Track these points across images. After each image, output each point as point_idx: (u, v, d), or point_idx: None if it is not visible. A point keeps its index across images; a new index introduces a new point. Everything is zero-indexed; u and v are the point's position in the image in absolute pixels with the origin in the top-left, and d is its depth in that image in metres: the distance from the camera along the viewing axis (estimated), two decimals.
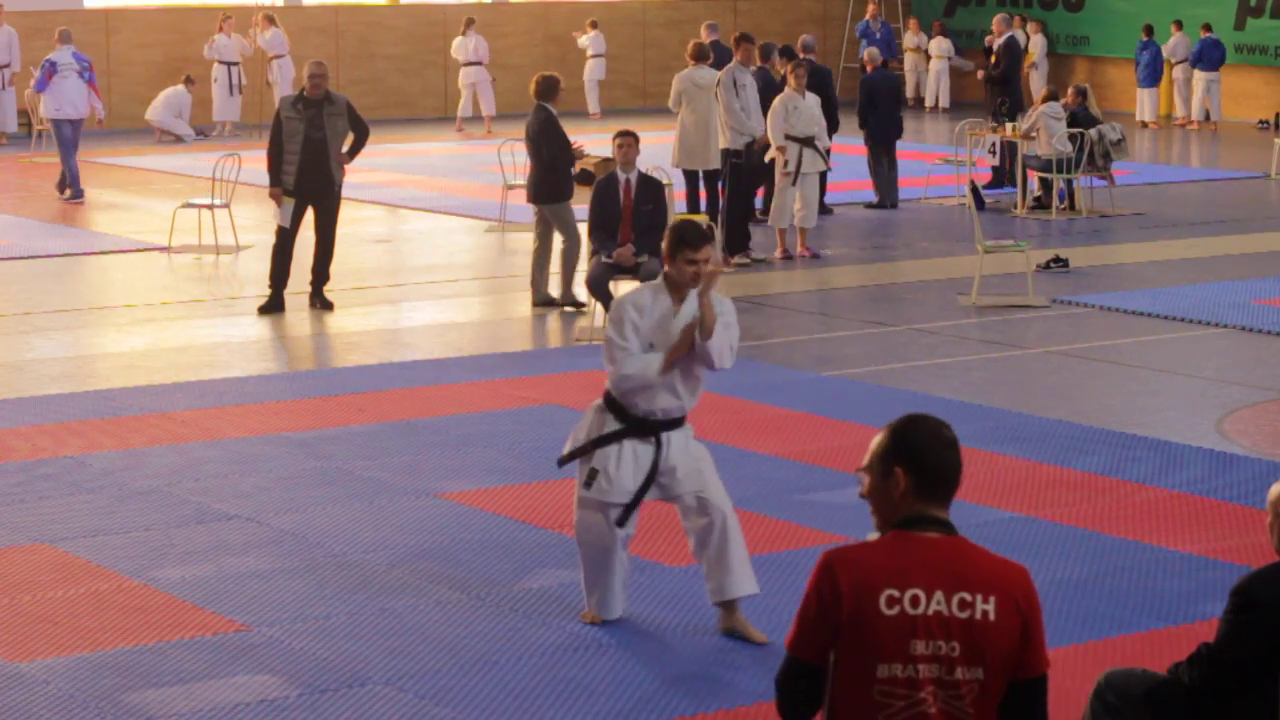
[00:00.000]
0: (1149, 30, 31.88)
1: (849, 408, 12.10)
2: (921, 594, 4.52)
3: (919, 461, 4.60)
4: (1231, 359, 13.89)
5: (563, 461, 8.12)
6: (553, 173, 15.75)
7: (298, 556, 9.14)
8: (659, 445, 7.93)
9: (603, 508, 7.96)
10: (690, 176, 19.00)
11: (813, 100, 18.20)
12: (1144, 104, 32.25)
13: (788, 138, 18.03)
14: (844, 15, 36.33)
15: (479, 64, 30.98)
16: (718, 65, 23.55)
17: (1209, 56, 31.34)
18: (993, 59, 24.08)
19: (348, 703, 7.33)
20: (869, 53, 22.83)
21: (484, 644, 7.97)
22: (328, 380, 13.14)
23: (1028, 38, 33.61)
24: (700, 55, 18.76)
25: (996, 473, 10.59)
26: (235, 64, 30.08)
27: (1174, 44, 31.90)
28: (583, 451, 7.98)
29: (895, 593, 4.53)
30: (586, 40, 33.26)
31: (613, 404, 7.97)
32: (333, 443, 11.27)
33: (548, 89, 15.98)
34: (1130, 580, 8.77)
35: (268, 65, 30.11)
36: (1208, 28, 31.41)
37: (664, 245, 7.95)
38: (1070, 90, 22.37)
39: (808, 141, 18.04)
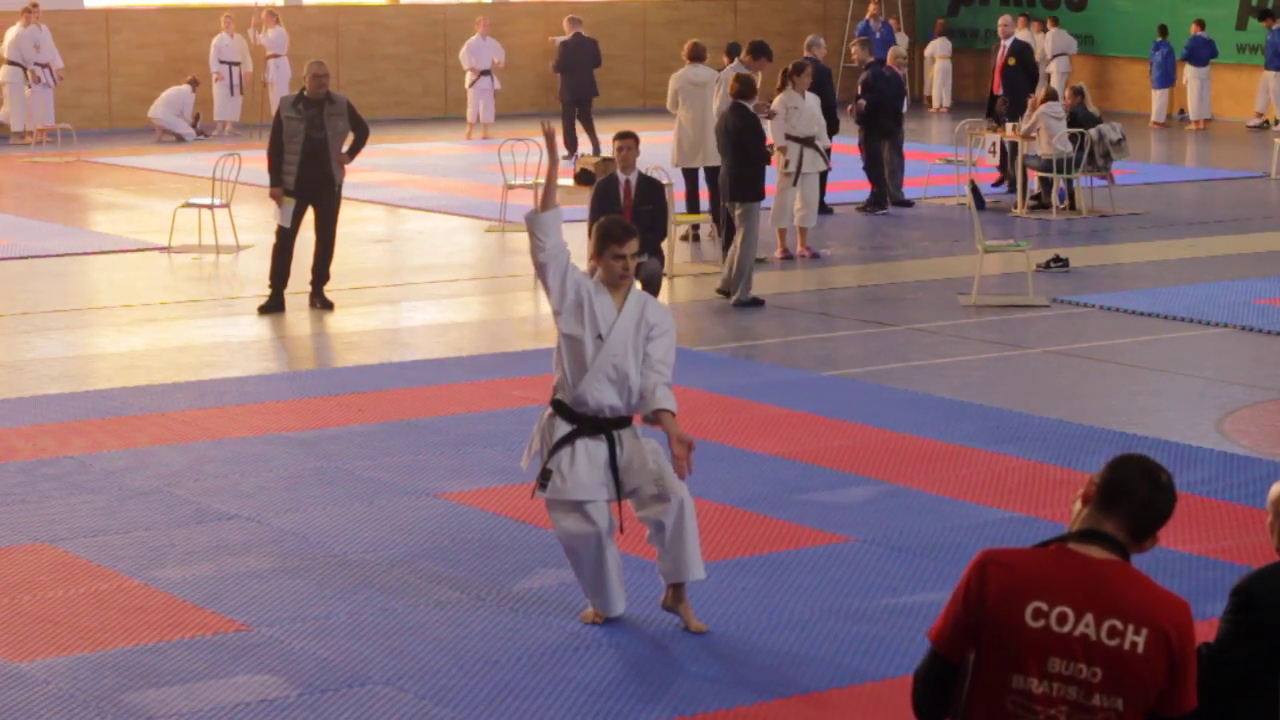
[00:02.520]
0: (1163, 30, 31.79)
1: (849, 408, 12.10)
2: (1070, 613, 4.43)
3: (1110, 474, 4.55)
4: (1231, 359, 13.89)
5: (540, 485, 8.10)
6: (755, 171, 15.95)
7: (298, 556, 9.14)
8: (612, 442, 8.00)
9: (576, 507, 7.98)
10: (690, 175, 19.02)
11: (813, 100, 18.22)
12: (1158, 105, 32.13)
13: (788, 138, 18.04)
14: (844, 15, 36.33)
15: (489, 72, 30.48)
16: (580, 53, 25.15)
17: (1199, 54, 31.35)
18: (1010, 60, 23.95)
19: (348, 703, 7.33)
20: (893, 50, 22.86)
21: (484, 644, 7.97)
22: (328, 380, 13.13)
23: (1043, 34, 33.47)
24: (696, 55, 18.82)
25: (996, 473, 10.59)
26: (237, 64, 30.07)
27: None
28: (545, 473, 8.02)
29: (1043, 606, 4.44)
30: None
31: (561, 408, 8.03)
32: (333, 443, 11.27)
33: (747, 89, 16.14)
34: None
35: (264, 64, 30.09)
36: (1200, 25, 31.40)
37: (591, 244, 8.08)
38: (1068, 90, 22.37)
39: (808, 141, 18.05)
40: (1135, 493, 4.54)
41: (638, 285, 8.28)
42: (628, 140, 14.53)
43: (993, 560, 4.54)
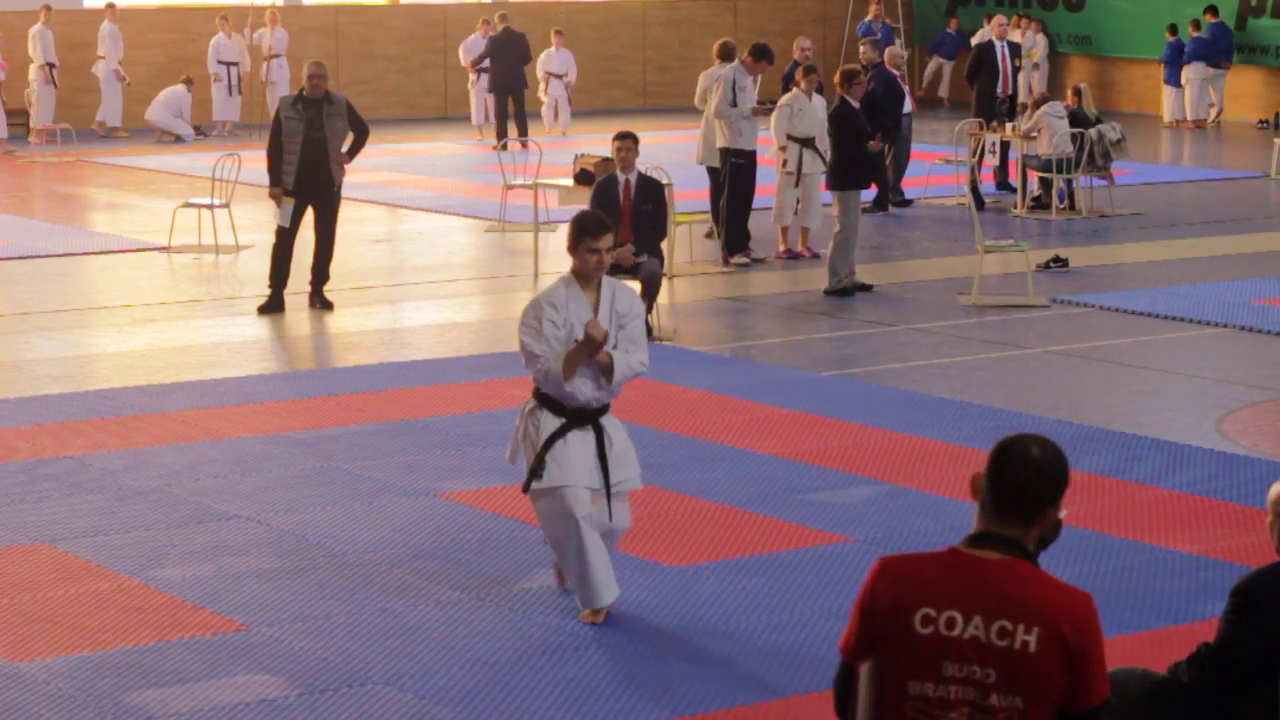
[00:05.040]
0: (1174, 29, 31.76)
1: (849, 408, 12.10)
2: (959, 617, 4.44)
3: (986, 469, 4.55)
4: (1231, 359, 13.88)
5: (528, 484, 8.19)
6: (851, 160, 16.34)
7: (298, 556, 9.14)
8: (599, 430, 8.16)
9: (562, 495, 8.06)
10: (715, 173, 19.12)
11: (818, 103, 18.20)
12: (1168, 104, 32.09)
13: (789, 138, 18.07)
14: (844, 15, 36.33)
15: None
16: (508, 47, 26.97)
17: (1200, 54, 31.34)
18: (1017, 62, 23.93)
19: (348, 703, 7.33)
20: (890, 51, 22.82)
21: (484, 643, 7.97)
22: (328, 380, 13.13)
23: (1032, 37, 33.53)
24: (726, 54, 18.89)
25: None
26: (235, 64, 30.09)
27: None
28: (539, 464, 8.11)
29: (931, 612, 4.47)
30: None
31: (549, 402, 8.15)
32: (333, 443, 11.27)
33: (847, 82, 16.66)
34: (1130, 580, 8.78)
35: (265, 64, 30.11)
36: (1196, 25, 31.41)
37: (566, 237, 8.26)
38: (1069, 91, 22.38)
39: (808, 143, 18.05)
40: (1009, 480, 4.53)
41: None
42: (627, 141, 14.53)
43: (886, 568, 4.58)
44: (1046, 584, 4.48)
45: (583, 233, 8.13)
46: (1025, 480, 4.52)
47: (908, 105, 22.25)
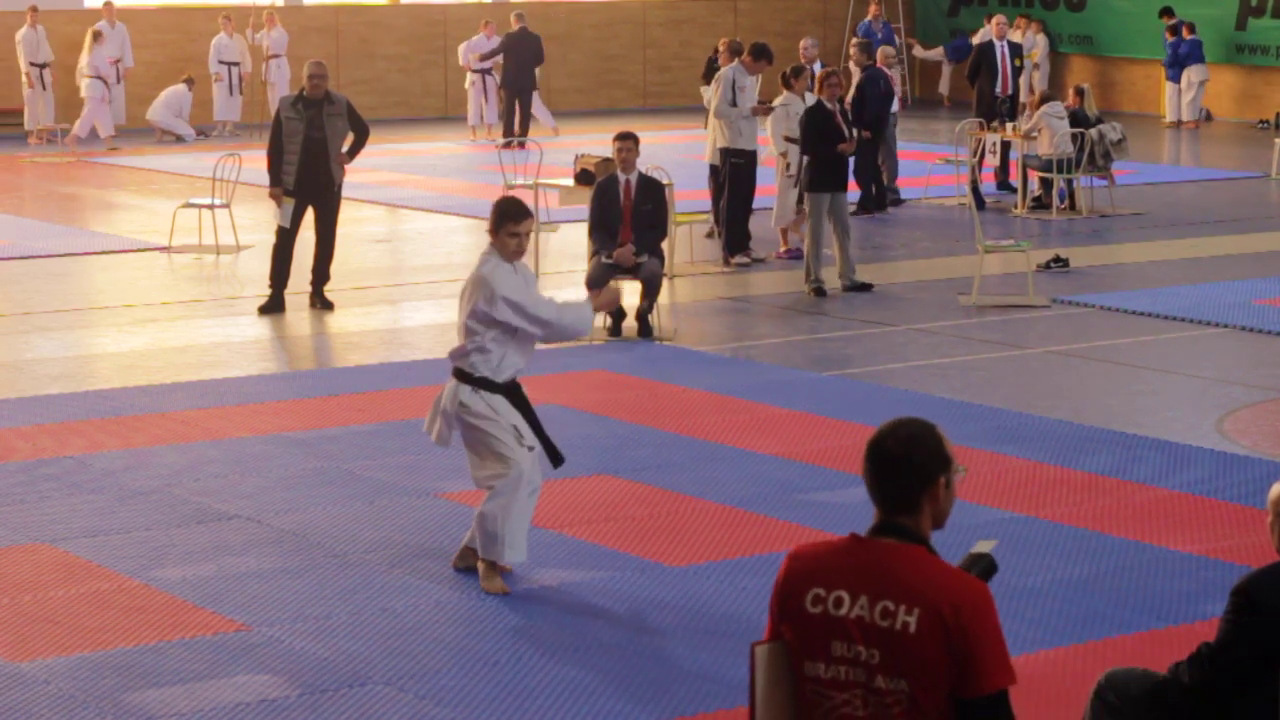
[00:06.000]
0: (1174, 30, 31.76)
1: (849, 408, 12.10)
2: (846, 596, 4.50)
3: (870, 473, 4.60)
4: (1231, 359, 13.88)
5: (557, 459, 8.81)
6: (816, 163, 16.38)
7: (298, 556, 9.15)
8: (525, 398, 8.74)
9: (522, 459, 8.58)
10: (715, 172, 19.11)
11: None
12: (1170, 103, 32.09)
13: (786, 139, 18.07)
14: (844, 15, 36.33)
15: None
16: (521, 46, 27.65)
17: (1196, 55, 31.34)
18: (1018, 61, 23.95)
19: (348, 703, 7.34)
20: (882, 50, 22.80)
21: (484, 643, 7.97)
22: (328, 380, 13.14)
23: (1033, 37, 33.56)
24: (734, 53, 18.92)
25: (997, 473, 10.59)
26: (236, 64, 30.09)
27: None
28: (548, 443, 8.77)
29: (821, 591, 4.54)
30: None
31: (484, 381, 8.71)
32: (333, 443, 11.27)
33: (820, 86, 16.86)
34: (1130, 580, 8.78)
35: (265, 64, 30.11)
36: (1190, 28, 31.39)
37: (489, 221, 8.66)
38: (1071, 91, 22.37)
39: None
40: (881, 473, 4.57)
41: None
42: (627, 141, 14.55)
43: (791, 554, 4.68)
44: (938, 569, 4.50)
45: (504, 217, 8.54)
46: (896, 470, 4.56)
47: (894, 105, 22.24)
